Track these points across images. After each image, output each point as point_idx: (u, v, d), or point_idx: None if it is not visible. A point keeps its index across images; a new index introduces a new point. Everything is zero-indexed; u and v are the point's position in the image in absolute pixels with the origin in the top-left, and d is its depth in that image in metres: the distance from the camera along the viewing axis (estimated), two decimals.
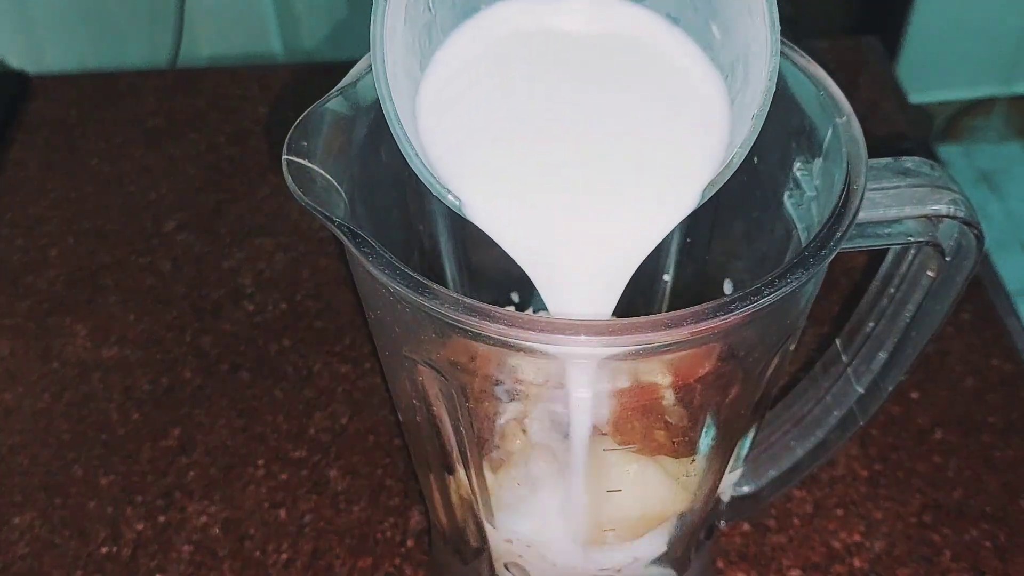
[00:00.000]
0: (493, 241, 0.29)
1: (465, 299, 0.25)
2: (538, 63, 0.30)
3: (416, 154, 0.27)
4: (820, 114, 0.30)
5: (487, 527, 0.35)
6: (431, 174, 0.28)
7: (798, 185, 0.31)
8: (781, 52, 0.30)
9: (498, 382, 0.30)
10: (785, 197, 0.32)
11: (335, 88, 0.30)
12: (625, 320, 0.25)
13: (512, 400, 0.32)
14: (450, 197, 0.28)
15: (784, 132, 0.31)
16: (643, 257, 0.29)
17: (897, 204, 0.29)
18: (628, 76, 0.30)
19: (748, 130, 0.27)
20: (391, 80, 0.27)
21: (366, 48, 0.29)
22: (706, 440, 0.32)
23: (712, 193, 0.28)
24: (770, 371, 0.31)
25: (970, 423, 0.48)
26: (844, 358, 0.36)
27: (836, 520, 0.45)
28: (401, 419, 0.36)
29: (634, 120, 0.30)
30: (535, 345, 0.25)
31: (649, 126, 0.29)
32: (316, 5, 0.83)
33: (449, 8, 0.29)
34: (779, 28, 0.26)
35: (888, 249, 0.33)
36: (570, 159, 0.29)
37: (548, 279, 0.29)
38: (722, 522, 0.41)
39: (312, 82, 0.69)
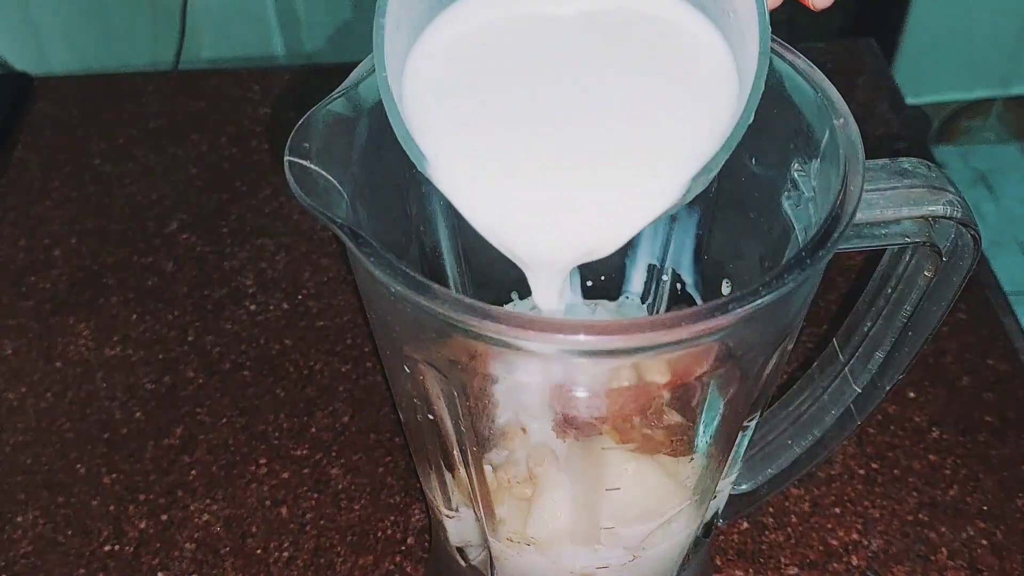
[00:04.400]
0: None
1: (465, 299, 0.25)
2: (532, 40, 0.29)
3: (395, 102, 0.26)
4: (817, 116, 0.30)
5: (487, 525, 0.35)
6: (405, 128, 0.27)
7: (796, 186, 0.32)
8: (779, 55, 0.31)
9: (498, 381, 0.30)
10: (783, 198, 0.32)
11: (337, 90, 0.30)
12: (624, 320, 0.25)
13: (512, 399, 0.32)
14: (419, 153, 0.27)
15: (782, 134, 0.31)
16: (608, 250, 0.27)
17: (894, 205, 0.29)
18: (624, 53, 0.29)
19: (735, 116, 0.26)
20: (388, 32, 0.26)
21: (367, 50, 0.29)
22: (704, 439, 0.32)
23: (705, 182, 0.26)
24: (768, 370, 0.32)
25: (967, 422, 0.48)
26: (841, 357, 0.36)
27: (833, 518, 0.45)
28: (402, 418, 0.37)
29: (625, 100, 0.28)
30: (535, 345, 0.25)
31: (639, 108, 0.28)
32: (317, 7, 0.83)
33: None
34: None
35: (885, 249, 0.33)
36: (549, 135, 0.28)
37: (512, 253, 0.28)
38: (720, 520, 0.41)
39: (313, 84, 0.69)
